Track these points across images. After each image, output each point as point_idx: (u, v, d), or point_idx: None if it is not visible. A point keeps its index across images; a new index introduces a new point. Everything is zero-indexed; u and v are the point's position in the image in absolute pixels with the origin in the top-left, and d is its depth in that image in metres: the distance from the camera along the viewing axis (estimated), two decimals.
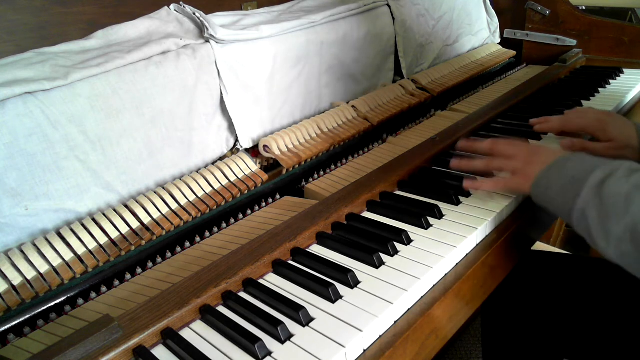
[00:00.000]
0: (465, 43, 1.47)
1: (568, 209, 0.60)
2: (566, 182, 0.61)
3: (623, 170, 0.57)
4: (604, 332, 0.76)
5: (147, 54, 0.78)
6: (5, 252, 0.65)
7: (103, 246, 0.69)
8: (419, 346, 0.55)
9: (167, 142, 0.81)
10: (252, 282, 0.59)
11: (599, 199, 0.56)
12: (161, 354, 0.51)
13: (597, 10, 1.80)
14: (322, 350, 0.48)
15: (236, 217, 0.81)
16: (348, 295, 0.56)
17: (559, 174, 0.63)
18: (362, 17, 1.12)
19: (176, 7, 0.89)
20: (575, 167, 0.62)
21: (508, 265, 0.71)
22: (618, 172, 0.57)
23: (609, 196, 0.55)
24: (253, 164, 0.88)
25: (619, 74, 1.28)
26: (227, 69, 0.87)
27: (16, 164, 0.65)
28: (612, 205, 0.55)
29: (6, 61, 0.69)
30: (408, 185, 0.79)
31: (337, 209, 0.71)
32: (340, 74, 1.10)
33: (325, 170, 0.93)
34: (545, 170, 0.65)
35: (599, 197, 0.56)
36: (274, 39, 0.94)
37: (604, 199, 0.56)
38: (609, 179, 0.56)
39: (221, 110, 0.89)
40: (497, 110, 1.05)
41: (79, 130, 0.70)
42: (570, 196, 0.60)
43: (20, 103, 0.65)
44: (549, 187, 0.64)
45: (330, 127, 1.00)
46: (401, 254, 0.62)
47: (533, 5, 1.45)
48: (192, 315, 0.55)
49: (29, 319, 0.62)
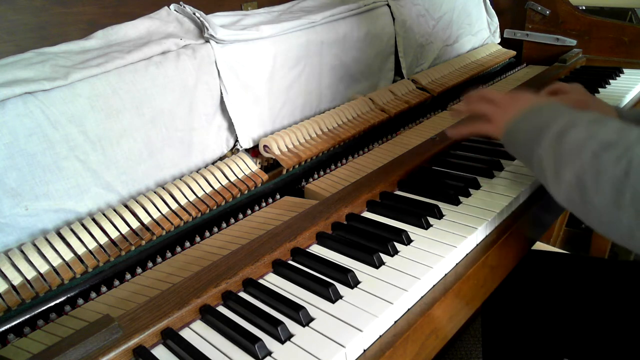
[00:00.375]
0: (465, 43, 1.47)
1: (530, 155, 0.61)
2: (532, 129, 0.62)
3: (585, 120, 0.57)
4: (604, 332, 0.76)
5: (147, 54, 0.78)
6: (5, 252, 0.65)
7: (103, 246, 0.69)
8: (419, 346, 0.55)
9: (167, 142, 0.81)
10: (252, 282, 0.59)
11: (555, 145, 0.57)
12: (161, 354, 0.51)
13: (597, 10, 1.80)
14: (322, 350, 0.48)
15: (236, 217, 0.81)
16: (348, 295, 0.56)
17: (526, 123, 0.64)
18: (362, 17, 1.12)
19: (176, 7, 0.89)
20: (544, 115, 0.62)
21: (508, 265, 0.71)
22: (580, 121, 0.57)
23: (565, 144, 0.56)
24: (253, 164, 0.88)
25: (619, 74, 1.28)
26: (227, 69, 0.87)
27: (16, 164, 0.65)
28: (566, 153, 0.55)
29: (6, 61, 0.69)
30: (408, 185, 0.79)
31: (337, 209, 0.71)
32: (340, 74, 1.10)
33: (325, 170, 0.93)
34: (517, 117, 0.65)
35: (556, 143, 0.57)
36: (274, 39, 0.94)
37: (560, 145, 0.56)
38: (569, 127, 0.57)
39: (221, 110, 0.89)
40: None
41: (79, 130, 0.70)
42: (533, 144, 0.61)
43: (20, 103, 0.65)
44: (517, 134, 0.65)
45: (331, 127, 1.00)
46: (401, 254, 0.62)
47: (533, 5, 1.45)
48: (192, 315, 0.55)
49: (29, 319, 0.62)
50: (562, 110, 0.62)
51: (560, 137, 0.57)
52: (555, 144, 0.57)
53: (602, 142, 0.52)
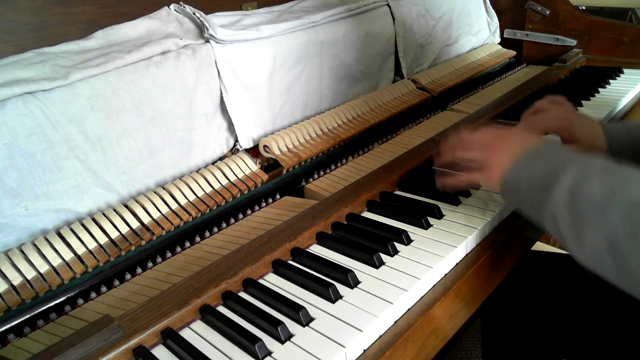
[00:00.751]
0: (465, 43, 1.47)
1: (538, 209, 0.56)
2: (536, 181, 0.57)
3: (596, 170, 0.52)
4: (603, 332, 0.76)
5: (147, 54, 0.78)
6: (5, 252, 0.65)
7: (103, 246, 0.69)
8: (419, 346, 0.55)
9: (167, 142, 0.81)
10: (252, 282, 0.59)
11: (571, 201, 0.52)
12: (161, 354, 0.51)
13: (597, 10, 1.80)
14: (322, 350, 0.48)
15: (236, 217, 0.81)
16: (348, 295, 0.56)
17: (528, 173, 0.58)
18: (362, 17, 1.12)
19: (176, 7, 0.89)
20: (546, 164, 0.57)
21: (508, 265, 0.71)
22: (591, 171, 0.52)
23: (581, 200, 0.51)
24: (253, 164, 0.88)
25: (619, 74, 1.28)
26: (227, 69, 0.87)
27: (16, 164, 0.65)
28: (584, 210, 0.50)
29: (6, 61, 0.69)
30: (408, 185, 0.79)
31: (337, 209, 0.71)
32: (340, 73, 1.10)
33: (325, 170, 0.93)
34: (514, 167, 0.60)
35: (572, 198, 0.52)
36: (274, 39, 0.94)
37: (576, 202, 0.51)
38: (582, 179, 0.52)
39: (221, 110, 0.89)
40: (497, 110, 1.05)
41: (79, 130, 0.70)
42: (541, 198, 0.56)
43: (20, 103, 0.65)
44: (518, 186, 0.59)
45: (331, 127, 1.00)
46: (401, 254, 0.62)
47: (533, 5, 1.45)
48: (192, 315, 0.55)
49: (29, 319, 0.62)
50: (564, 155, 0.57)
51: (574, 193, 0.52)
52: (570, 201, 0.52)
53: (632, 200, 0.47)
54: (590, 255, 0.50)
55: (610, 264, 0.48)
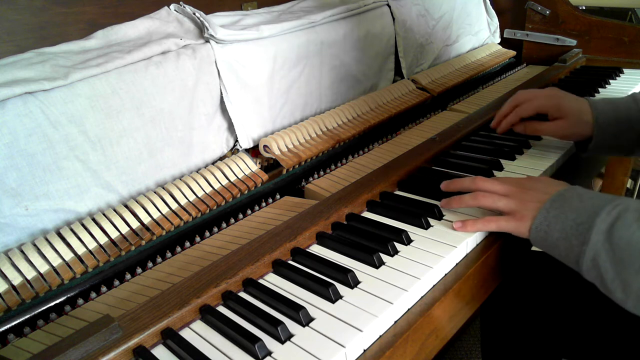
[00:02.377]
0: (465, 43, 1.47)
1: (575, 256, 0.56)
2: (569, 227, 0.57)
3: (632, 213, 0.52)
4: (603, 332, 0.76)
5: (147, 54, 0.78)
6: (5, 252, 0.65)
7: (103, 246, 0.69)
8: (419, 346, 0.55)
9: (167, 142, 0.81)
10: (252, 282, 0.59)
11: (609, 246, 0.52)
12: (161, 354, 0.51)
13: (597, 10, 1.80)
14: (322, 350, 0.48)
15: (236, 217, 0.81)
16: (348, 295, 0.56)
17: (558, 218, 0.58)
18: (362, 17, 1.12)
19: (176, 7, 0.89)
20: (577, 209, 0.57)
21: (508, 265, 0.71)
22: (627, 214, 0.53)
23: (622, 244, 0.51)
24: (253, 164, 0.88)
25: (619, 74, 1.28)
26: (227, 69, 0.87)
27: (16, 164, 0.65)
28: (628, 255, 0.50)
29: (6, 61, 0.69)
30: (408, 185, 0.79)
31: (337, 209, 0.71)
32: (340, 74, 1.10)
33: (325, 170, 0.93)
34: (543, 212, 0.60)
35: (610, 244, 0.52)
36: (274, 39, 0.94)
37: (617, 247, 0.51)
38: (618, 223, 0.52)
39: (221, 110, 0.89)
40: (497, 110, 1.05)
41: (79, 130, 0.70)
42: (576, 243, 0.55)
43: (20, 103, 0.65)
44: (549, 232, 0.59)
45: (331, 127, 1.00)
46: (401, 254, 0.62)
47: (533, 5, 1.45)
48: (192, 315, 0.55)
49: (29, 319, 0.62)
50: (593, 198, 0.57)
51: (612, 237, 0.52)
52: (609, 246, 0.52)
53: None
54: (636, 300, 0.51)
55: None
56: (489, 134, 0.96)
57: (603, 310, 0.76)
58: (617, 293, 0.53)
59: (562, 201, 0.59)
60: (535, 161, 0.84)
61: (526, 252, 0.79)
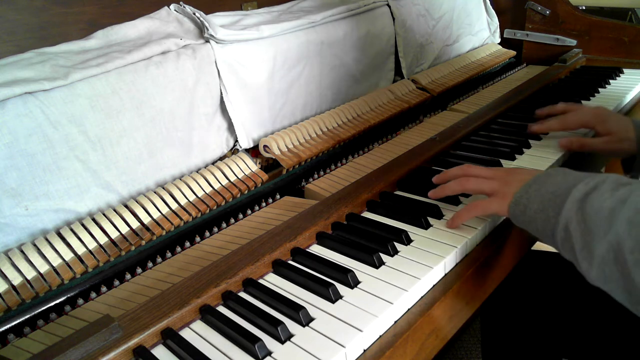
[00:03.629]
0: (465, 43, 1.47)
1: (550, 227, 0.55)
2: (546, 198, 0.56)
3: (608, 184, 0.52)
4: (603, 332, 0.76)
5: (147, 54, 0.78)
6: (5, 252, 0.64)
7: (103, 246, 0.69)
8: (419, 346, 0.55)
9: (167, 142, 0.81)
10: (252, 282, 0.59)
11: (581, 215, 0.51)
12: (161, 354, 0.51)
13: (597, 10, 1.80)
14: (322, 350, 0.48)
15: (236, 217, 0.81)
16: (348, 295, 0.56)
17: (538, 191, 0.58)
18: (362, 17, 1.12)
19: (176, 7, 0.89)
20: (557, 182, 0.57)
21: (508, 264, 0.71)
22: (603, 185, 0.52)
23: (592, 212, 0.50)
24: (253, 164, 0.88)
25: (619, 74, 1.28)
26: (227, 69, 0.87)
27: (16, 164, 0.65)
28: (594, 222, 0.49)
29: (6, 61, 0.68)
30: (408, 185, 0.79)
31: (337, 209, 0.71)
32: (340, 74, 1.10)
33: (325, 170, 0.93)
34: (524, 187, 0.60)
35: (582, 212, 0.51)
36: (274, 39, 0.94)
37: (587, 215, 0.51)
38: (593, 193, 0.52)
39: (221, 110, 0.89)
40: (497, 110, 1.05)
41: (79, 130, 0.70)
42: (551, 213, 0.55)
43: (20, 103, 0.65)
44: (528, 205, 0.58)
45: (331, 127, 1.00)
46: (401, 254, 0.62)
47: (533, 5, 1.45)
48: (192, 315, 0.55)
49: (29, 319, 0.62)
50: (575, 174, 0.57)
51: (585, 206, 0.51)
52: (581, 215, 0.51)
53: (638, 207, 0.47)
54: (597, 269, 0.49)
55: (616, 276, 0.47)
56: (489, 134, 0.96)
57: (603, 310, 0.76)
58: (584, 264, 0.51)
59: (546, 177, 0.59)
60: (535, 161, 0.84)
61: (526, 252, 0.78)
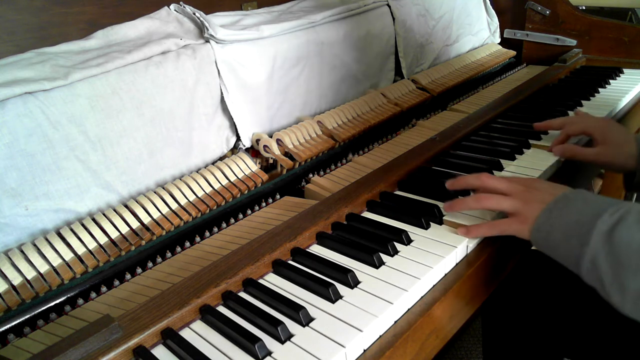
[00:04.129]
0: (465, 43, 1.47)
1: (575, 257, 0.55)
2: (570, 227, 0.56)
3: (634, 215, 0.52)
4: (604, 332, 0.76)
5: (147, 54, 0.78)
6: (5, 252, 0.64)
7: (103, 246, 0.69)
8: (419, 346, 0.55)
9: (167, 142, 0.81)
10: (252, 282, 0.59)
11: (609, 248, 0.51)
12: (161, 354, 0.51)
13: (597, 10, 1.80)
14: (322, 350, 0.48)
15: (236, 217, 0.81)
16: (348, 295, 0.56)
17: (561, 218, 0.57)
18: (362, 17, 1.12)
19: (176, 7, 0.89)
20: (580, 210, 0.56)
21: (508, 264, 0.71)
22: (628, 216, 0.52)
23: (622, 246, 0.50)
24: (253, 164, 0.88)
25: (619, 74, 1.27)
26: (227, 68, 0.87)
27: (16, 164, 0.65)
28: (626, 257, 0.50)
29: (6, 61, 0.69)
30: (408, 185, 0.79)
31: (337, 209, 0.71)
32: (340, 74, 1.10)
33: (325, 170, 0.93)
34: (546, 212, 0.59)
35: (610, 245, 0.51)
36: (274, 39, 0.94)
37: (616, 248, 0.51)
38: (620, 225, 0.52)
39: (221, 110, 0.89)
40: (497, 110, 1.05)
41: (79, 130, 0.70)
42: (576, 244, 0.55)
43: (20, 103, 0.65)
44: (551, 232, 0.58)
45: (331, 127, 1.00)
46: (401, 254, 0.62)
47: (533, 5, 1.45)
48: (192, 315, 0.55)
49: (29, 319, 0.62)
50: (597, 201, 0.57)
51: (613, 239, 0.51)
52: (609, 248, 0.51)
53: None
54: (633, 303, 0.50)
55: None
56: (489, 134, 0.96)
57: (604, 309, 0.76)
58: (615, 296, 0.52)
59: (566, 202, 0.59)
60: (535, 161, 0.83)
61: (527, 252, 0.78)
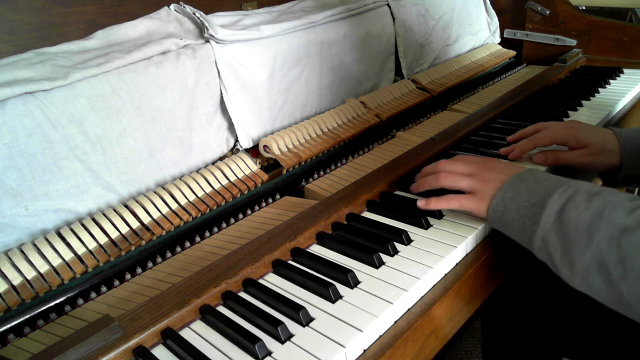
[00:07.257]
0: (465, 43, 1.47)
1: (527, 236, 0.58)
2: (523, 207, 0.59)
3: (582, 194, 0.54)
4: (603, 331, 0.76)
5: (147, 54, 0.78)
6: (5, 252, 0.65)
7: (103, 246, 0.69)
8: (419, 346, 0.55)
9: (167, 142, 0.81)
10: (252, 282, 0.59)
11: (559, 226, 0.54)
12: (161, 354, 0.51)
13: (597, 10, 1.80)
14: (322, 350, 0.48)
15: (236, 217, 0.81)
16: (348, 295, 0.56)
17: (514, 198, 0.60)
18: (362, 17, 1.12)
19: (176, 7, 0.89)
20: (532, 190, 0.59)
21: (508, 264, 0.71)
22: (577, 196, 0.55)
23: (570, 224, 0.53)
24: (253, 164, 0.88)
25: (619, 74, 1.28)
26: (227, 69, 0.87)
27: (16, 164, 0.65)
28: (574, 235, 0.53)
29: (6, 61, 0.69)
30: (408, 186, 0.79)
31: (337, 209, 0.71)
32: (340, 74, 1.10)
33: (325, 170, 0.93)
34: (500, 193, 0.62)
35: (560, 224, 0.54)
36: (274, 39, 0.94)
37: (565, 226, 0.54)
38: (568, 204, 0.54)
39: (221, 110, 0.89)
40: (497, 110, 1.05)
41: (79, 130, 0.70)
42: (528, 223, 0.58)
43: (20, 103, 0.65)
44: (505, 212, 0.61)
45: (330, 127, 1.00)
46: (401, 254, 0.62)
47: (533, 5, 1.45)
48: (192, 315, 0.55)
49: (29, 319, 0.62)
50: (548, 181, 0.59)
51: (562, 217, 0.54)
52: (559, 226, 0.54)
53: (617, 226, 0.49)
54: (581, 278, 0.53)
55: (601, 286, 0.51)
56: (488, 134, 0.96)
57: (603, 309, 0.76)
58: (564, 271, 0.55)
59: (519, 182, 0.62)
60: None
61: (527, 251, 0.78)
